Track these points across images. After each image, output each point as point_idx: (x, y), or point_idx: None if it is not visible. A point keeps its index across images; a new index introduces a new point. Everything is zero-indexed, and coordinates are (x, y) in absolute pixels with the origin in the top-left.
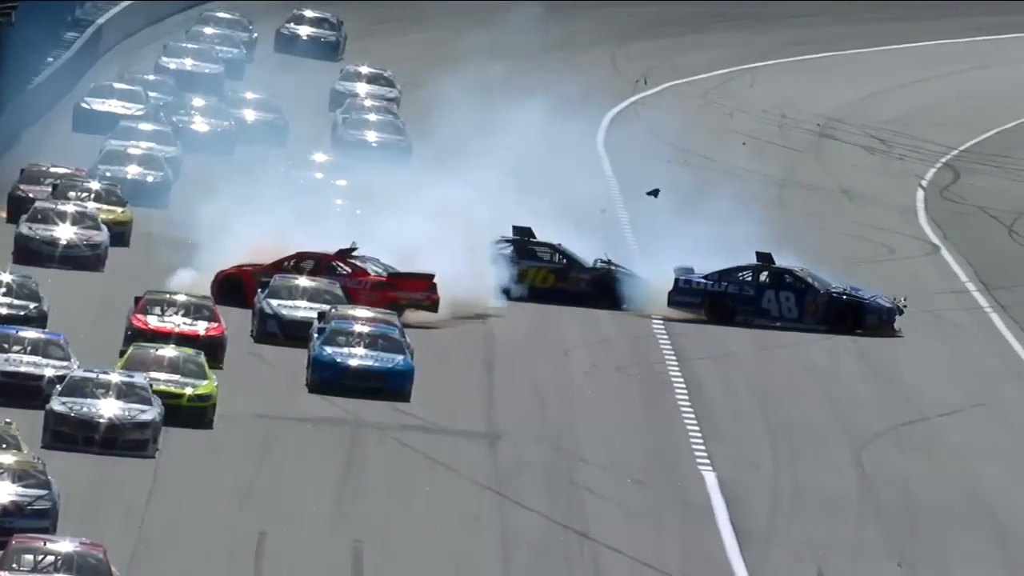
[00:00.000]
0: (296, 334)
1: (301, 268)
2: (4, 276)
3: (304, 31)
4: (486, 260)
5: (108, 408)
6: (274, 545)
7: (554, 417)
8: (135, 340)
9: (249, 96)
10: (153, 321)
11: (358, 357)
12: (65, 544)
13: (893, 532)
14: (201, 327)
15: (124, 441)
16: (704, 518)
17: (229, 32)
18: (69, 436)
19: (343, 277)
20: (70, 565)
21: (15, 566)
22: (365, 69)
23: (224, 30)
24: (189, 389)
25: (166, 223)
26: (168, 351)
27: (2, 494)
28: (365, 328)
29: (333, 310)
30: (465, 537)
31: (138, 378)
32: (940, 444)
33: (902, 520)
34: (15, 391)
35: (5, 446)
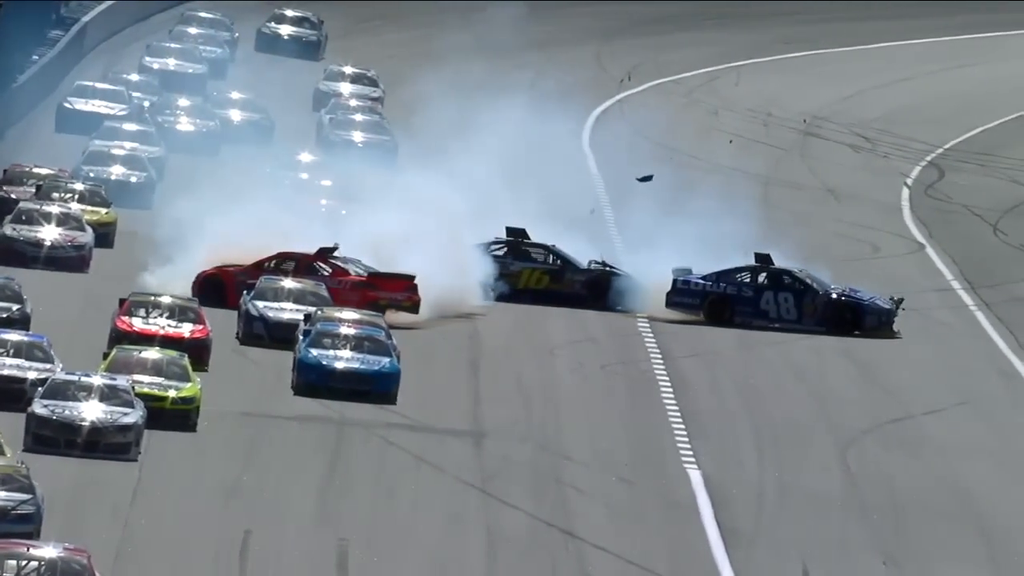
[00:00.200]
0: (282, 336)
1: (282, 268)
2: None
3: (285, 30)
4: (470, 260)
5: (90, 411)
6: (259, 543)
7: (539, 416)
8: (120, 342)
9: (235, 96)
10: (138, 323)
11: (344, 360)
12: (48, 550)
13: (878, 530)
14: (186, 329)
15: (106, 444)
16: (689, 516)
17: (212, 32)
18: (51, 439)
19: (323, 277)
20: (54, 571)
21: None
22: (349, 69)
23: (207, 30)
24: (172, 392)
25: (150, 223)
26: (151, 353)
27: None
28: (351, 330)
29: (319, 312)
30: (450, 536)
31: (120, 381)
32: (925, 442)
33: (887, 518)
34: None
35: None
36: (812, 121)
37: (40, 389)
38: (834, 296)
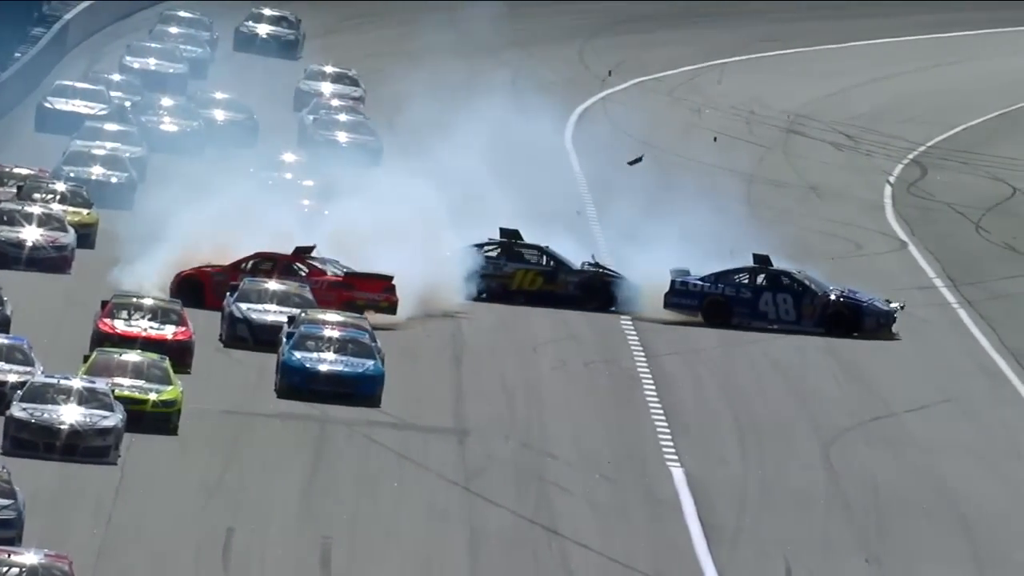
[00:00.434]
0: (266, 338)
1: (260, 269)
2: None
3: (263, 29)
4: (451, 259)
5: (69, 414)
6: (242, 541)
7: (522, 413)
8: (101, 344)
9: (218, 96)
10: (120, 325)
11: (328, 362)
12: (30, 556)
13: (861, 527)
14: (169, 331)
15: (86, 447)
16: (672, 514)
17: (192, 32)
18: (30, 443)
19: (300, 278)
20: None
21: None
22: (330, 68)
23: (187, 29)
24: (153, 395)
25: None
26: (132, 356)
27: None
28: (335, 333)
29: (303, 314)
30: (433, 533)
31: (99, 384)
32: (908, 440)
33: (870, 516)
34: None
35: None
36: (795, 119)
37: (19, 392)
38: (833, 297)
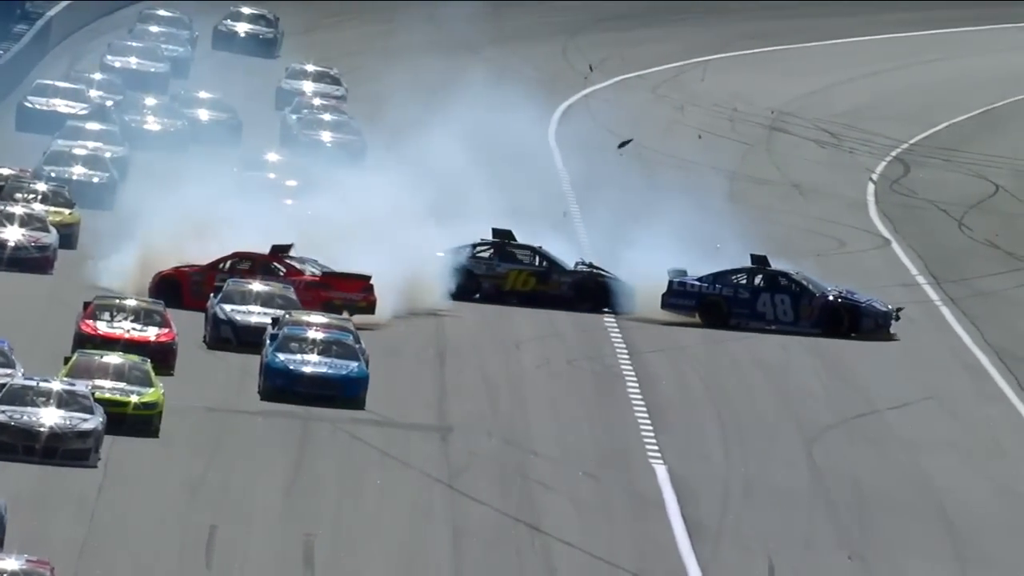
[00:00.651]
0: (251, 340)
1: (238, 268)
2: None
3: (242, 28)
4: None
5: (49, 417)
6: (225, 538)
7: (505, 410)
8: (83, 346)
9: (202, 96)
10: (102, 327)
11: (311, 364)
12: (11, 562)
13: (844, 525)
14: (152, 332)
15: (65, 450)
16: (655, 511)
17: (173, 30)
18: (9, 445)
19: (277, 277)
20: None
21: None
22: (311, 67)
23: (167, 28)
24: (135, 397)
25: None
26: (113, 358)
27: None
28: (319, 334)
29: (287, 315)
30: (416, 530)
31: (79, 386)
32: (890, 437)
33: (852, 513)
34: None
35: None
36: (778, 116)
37: None
38: (831, 298)
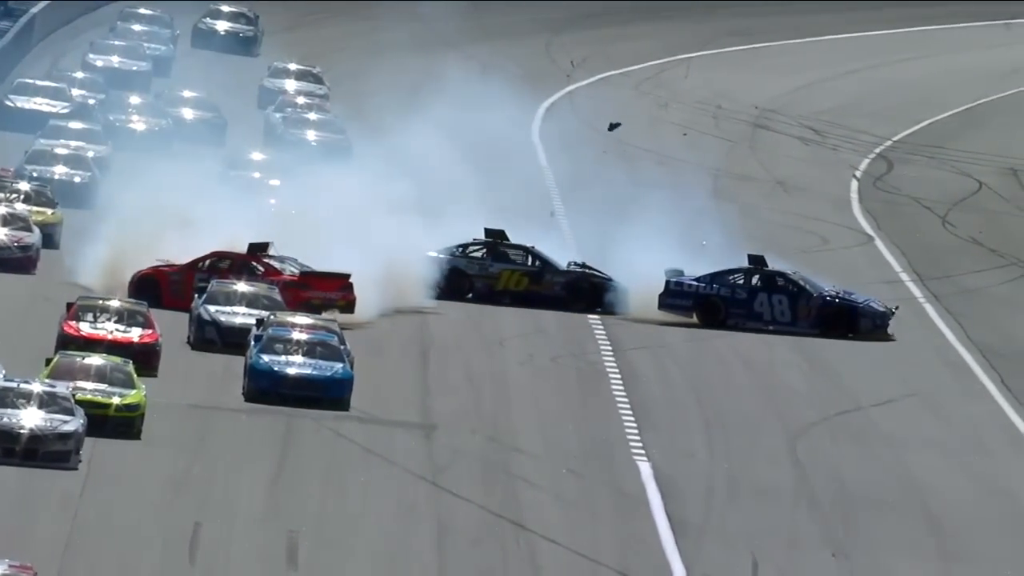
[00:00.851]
0: (235, 341)
1: (217, 267)
2: None
3: (221, 26)
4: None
5: (29, 418)
6: (209, 536)
7: (489, 407)
8: (66, 347)
9: (187, 95)
10: (85, 328)
11: (296, 365)
12: None
13: (827, 522)
14: (135, 334)
15: (46, 452)
16: (639, 508)
17: (155, 29)
18: None
19: (255, 277)
20: None
21: None
22: (293, 66)
23: (149, 27)
24: (116, 399)
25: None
26: (95, 360)
27: None
28: (303, 335)
29: (272, 316)
30: (401, 527)
31: (60, 388)
32: (874, 434)
33: (836, 510)
34: None
35: None
36: (761, 113)
37: None
38: (828, 298)
